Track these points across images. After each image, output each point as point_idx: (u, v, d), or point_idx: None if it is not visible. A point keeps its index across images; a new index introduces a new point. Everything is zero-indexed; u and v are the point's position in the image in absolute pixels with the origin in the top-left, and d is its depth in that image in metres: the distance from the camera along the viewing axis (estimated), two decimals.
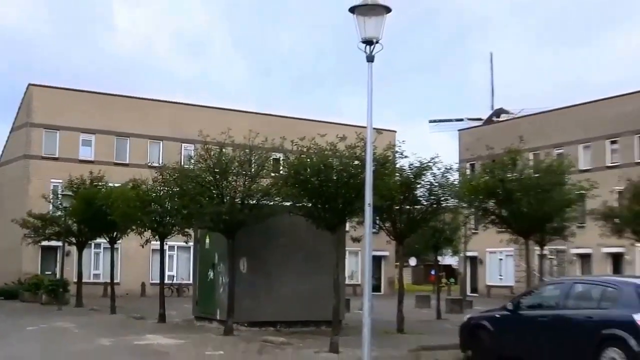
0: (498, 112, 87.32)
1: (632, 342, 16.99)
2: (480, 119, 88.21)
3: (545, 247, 41.22)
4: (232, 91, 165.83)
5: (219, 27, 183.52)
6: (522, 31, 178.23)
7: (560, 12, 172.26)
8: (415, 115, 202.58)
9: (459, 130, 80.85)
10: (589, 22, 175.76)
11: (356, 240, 25.54)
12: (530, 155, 48.95)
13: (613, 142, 63.42)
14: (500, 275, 70.81)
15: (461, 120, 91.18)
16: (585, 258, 63.31)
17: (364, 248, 18.87)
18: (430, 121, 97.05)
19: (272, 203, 28.35)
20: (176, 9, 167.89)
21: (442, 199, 31.47)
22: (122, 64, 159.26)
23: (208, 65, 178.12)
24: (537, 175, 32.28)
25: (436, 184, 30.55)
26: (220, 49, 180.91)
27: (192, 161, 31.40)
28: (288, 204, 26.60)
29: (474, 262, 72.37)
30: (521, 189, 31.04)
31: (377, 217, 30.11)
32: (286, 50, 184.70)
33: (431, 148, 78.10)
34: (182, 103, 68.41)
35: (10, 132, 67.08)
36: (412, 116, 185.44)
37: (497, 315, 21.12)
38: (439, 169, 30.35)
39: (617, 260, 60.96)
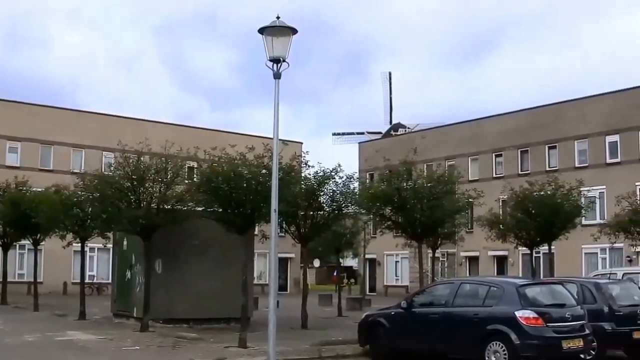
0: (395, 127, 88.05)
1: (513, 336, 17.41)
2: (379, 133, 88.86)
3: (437, 250, 41.52)
4: (157, 104, 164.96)
5: (148, 45, 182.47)
6: (420, 52, 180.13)
7: (452, 35, 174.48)
8: (322, 129, 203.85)
9: (359, 142, 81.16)
10: (478, 45, 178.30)
11: (264, 237, 25.45)
12: (424, 167, 49.29)
13: (498, 156, 64.25)
14: (397, 276, 71.18)
15: (362, 133, 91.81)
16: (473, 260, 63.97)
17: (271, 250, 18.79)
18: (334, 134, 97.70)
19: (186, 208, 28.20)
20: (108, 28, 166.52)
21: (344, 205, 31.66)
22: (56, 80, 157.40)
23: (135, 80, 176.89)
24: (429, 184, 32.47)
25: (338, 192, 30.74)
26: (147, 66, 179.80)
27: (112, 168, 31.00)
28: (201, 209, 26.47)
29: (373, 264, 72.61)
30: (415, 197, 31.22)
31: (283, 222, 30.11)
32: (206, 67, 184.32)
33: (335, 159, 78.45)
34: (104, 114, 67.69)
35: None
36: (318, 129, 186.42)
37: (392, 313, 21.17)
38: (341, 178, 30.63)
39: (501, 263, 61.73)
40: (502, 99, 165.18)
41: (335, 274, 58.26)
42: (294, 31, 18.54)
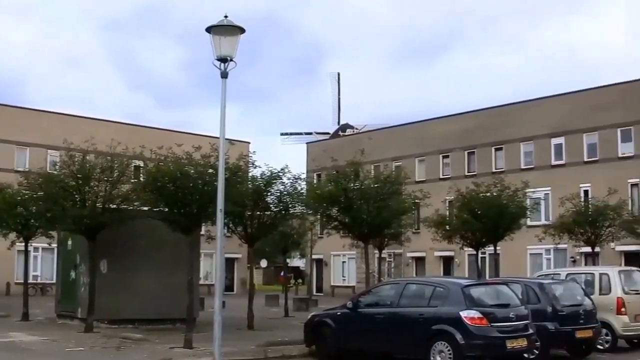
0: (344, 127, 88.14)
1: (458, 336, 17.53)
2: (327, 133, 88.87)
3: (384, 251, 41.69)
4: (105, 103, 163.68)
5: (96, 42, 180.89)
6: (370, 54, 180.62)
7: (402, 37, 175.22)
8: (272, 128, 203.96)
9: (307, 143, 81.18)
10: (428, 47, 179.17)
11: (210, 237, 25.34)
12: (371, 167, 49.43)
13: (445, 157, 64.60)
14: (344, 276, 71.24)
15: (310, 133, 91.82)
16: (419, 261, 64.23)
17: (217, 250, 18.73)
18: (282, 134, 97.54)
19: (131, 208, 28.01)
20: (55, 25, 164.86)
21: (291, 206, 31.62)
22: (1, 77, 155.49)
23: (83, 77, 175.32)
24: (376, 185, 32.60)
25: (285, 192, 30.70)
26: (95, 63, 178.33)
27: (57, 167, 30.74)
28: (146, 208, 26.32)
29: (320, 264, 72.64)
30: (362, 198, 31.33)
31: (230, 222, 30.03)
32: (156, 65, 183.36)
33: (283, 159, 78.38)
34: (49, 112, 66.92)
35: None
36: (268, 129, 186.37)
37: (338, 313, 21.20)
38: (288, 179, 30.56)
39: (447, 263, 62.03)
40: (451, 100, 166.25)
41: (282, 274, 58.17)
42: (242, 30, 18.51)
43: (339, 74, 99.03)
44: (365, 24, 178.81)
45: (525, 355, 18.94)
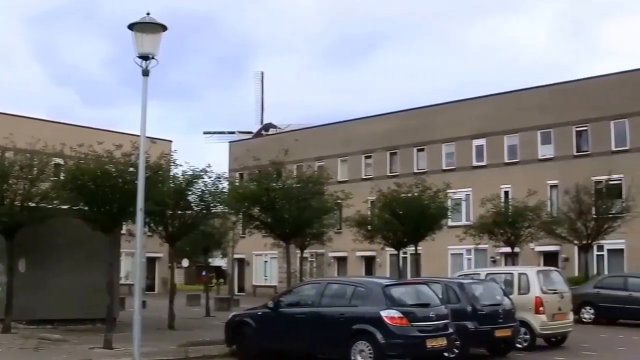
0: (267, 127, 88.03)
1: (379, 335, 17.63)
2: (250, 133, 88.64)
3: (306, 251, 41.77)
4: (27, 99, 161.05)
5: (19, 36, 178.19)
6: (296, 53, 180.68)
7: (330, 37, 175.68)
8: (196, 127, 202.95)
9: (230, 142, 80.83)
10: (355, 47, 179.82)
11: (131, 236, 25.10)
12: (294, 167, 49.41)
13: (367, 157, 64.81)
14: (266, 276, 71.15)
15: (233, 133, 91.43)
16: (341, 260, 64.34)
17: (137, 249, 18.56)
18: (205, 132, 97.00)
19: (51, 206, 27.56)
20: None
21: (212, 205, 31.48)
22: None
23: (4, 72, 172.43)
24: (298, 185, 32.61)
25: (207, 192, 30.56)
26: (18, 59, 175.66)
27: None
28: (66, 207, 25.96)
29: (242, 264, 72.44)
30: (284, 198, 31.32)
31: (151, 221, 29.80)
32: (80, 60, 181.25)
33: (207, 158, 77.90)
34: None
35: None
36: (193, 127, 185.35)
37: (259, 313, 21.15)
38: (210, 178, 30.42)
39: (369, 263, 62.31)
40: (378, 101, 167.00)
41: (203, 273, 57.88)
42: (164, 28, 18.38)
43: (262, 73, 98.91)
44: (293, 23, 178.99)
45: (445, 354, 19.07)
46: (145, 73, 18.26)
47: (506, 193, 52.36)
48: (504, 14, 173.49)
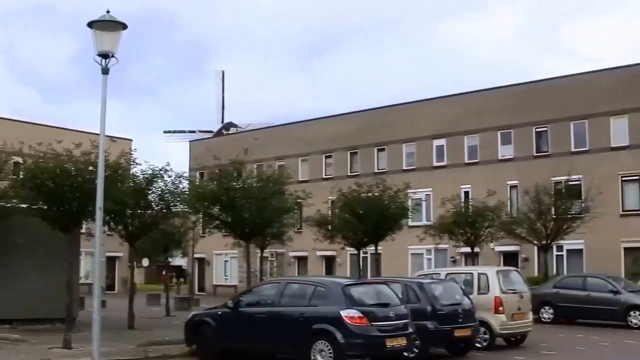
0: (227, 126, 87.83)
1: (339, 335, 17.66)
2: (211, 132, 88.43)
3: (266, 250, 41.75)
4: None
5: None
6: (259, 52, 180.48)
7: (291, 37, 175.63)
8: (158, 126, 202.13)
9: (190, 141, 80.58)
10: (319, 48, 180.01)
11: (90, 235, 24.99)
12: (254, 167, 49.37)
13: (328, 157, 64.84)
14: (226, 276, 70.95)
15: (194, 132, 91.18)
16: (302, 260, 64.34)
17: (96, 248, 18.48)
18: (165, 131, 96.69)
19: (9, 205, 27.36)
20: None
21: (172, 204, 31.38)
22: None
23: None
24: (259, 184, 32.59)
25: (167, 191, 30.47)
26: None
27: None
28: (25, 205, 25.77)
29: (202, 263, 72.23)
30: (244, 197, 31.26)
31: (110, 220, 29.66)
32: (42, 58, 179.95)
33: (167, 157, 77.57)
34: None
35: None
36: (154, 126, 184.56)
37: (219, 312, 21.14)
38: (170, 177, 30.33)
39: (330, 262, 62.34)
40: (339, 100, 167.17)
41: (163, 273, 57.72)
42: (124, 26, 18.33)
43: (223, 72, 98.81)
44: (255, 22, 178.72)
45: (405, 354, 19.12)
46: (105, 71, 18.21)
47: (466, 193, 52.57)
48: (466, 15, 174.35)
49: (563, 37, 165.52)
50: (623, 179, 49.00)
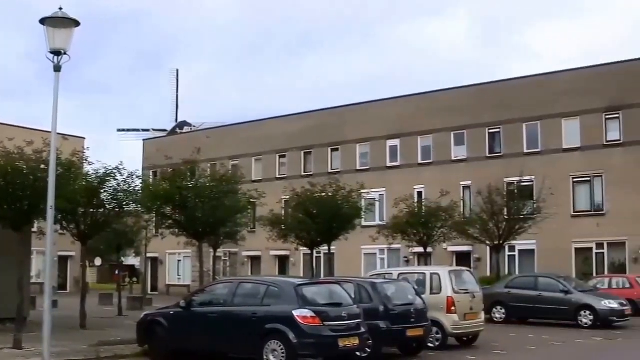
0: (181, 125, 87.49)
1: (291, 335, 17.63)
2: (165, 130, 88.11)
3: (219, 250, 41.66)
4: None
5: None
6: (216, 52, 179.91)
7: (251, 37, 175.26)
8: (110, 124, 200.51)
9: (144, 140, 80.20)
10: (277, 47, 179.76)
11: (42, 234, 24.76)
12: (208, 166, 49.26)
13: (282, 157, 64.82)
14: (179, 275, 70.71)
15: (148, 130, 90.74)
16: (255, 260, 64.27)
17: (47, 247, 18.34)
18: (119, 130, 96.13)
19: None
20: None
21: (125, 203, 31.20)
22: None
23: None
24: (212, 184, 32.49)
25: (120, 190, 30.28)
26: None
27: None
28: None
29: (155, 263, 71.92)
30: (197, 197, 31.15)
31: (62, 219, 29.43)
32: None
33: (121, 156, 76.95)
34: None
35: None
36: (109, 124, 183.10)
37: (171, 312, 21.03)
38: (122, 176, 30.15)
39: (283, 262, 62.31)
40: (295, 100, 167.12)
41: (116, 272, 57.44)
42: (77, 23, 18.19)
43: (177, 71, 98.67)
44: (212, 21, 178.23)
45: (358, 353, 19.17)
46: (57, 69, 18.07)
47: (419, 193, 52.86)
48: (425, 16, 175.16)
49: (519, 39, 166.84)
50: (574, 180, 49.57)
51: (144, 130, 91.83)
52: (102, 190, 30.09)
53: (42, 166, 22.64)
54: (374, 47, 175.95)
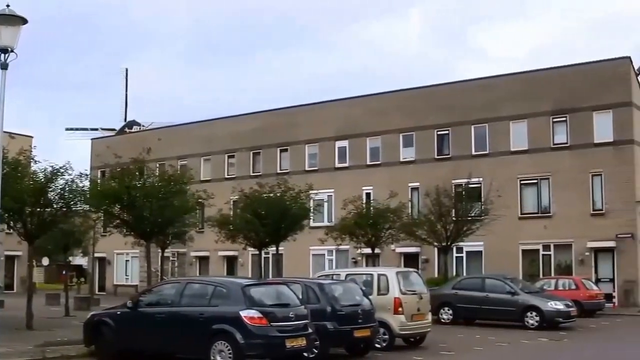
0: (130, 124, 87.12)
1: (238, 335, 17.63)
2: (114, 130, 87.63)
3: (167, 250, 41.49)
4: None
5: None
6: (165, 50, 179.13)
7: (204, 36, 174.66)
8: (60, 123, 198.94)
9: (92, 139, 79.58)
10: (230, 46, 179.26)
11: None
12: (157, 165, 49.01)
13: (231, 157, 64.62)
14: (127, 275, 70.31)
15: (96, 129, 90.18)
16: (203, 260, 63.99)
17: None
18: (67, 129, 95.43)
19: None
20: None
21: (73, 203, 30.97)
22: None
23: None
24: (160, 184, 32.36)
25: (67, 189, 30.06)
26: None
27: None
28: None
29: (103, 263, 71.43)
30: (145, 196, 31.00)
31: (9, 219, 29.17)
32: None
33: (70, 155, 76.39)
34: None
35: None
36: (56, 123, 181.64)
37: (118, 312, 20.91)
38: (70, 175, 29.93)
39: (231, 263, 62.15)
40: (246, 100, 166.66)
41: (64, 272, 56.91)
42: (24, 21, 18.06)
43: (127, 70, 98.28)
44: (164, 21, 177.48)
45: (305, 354, 19.19)
46: (4, 67, 17.92)
47: (368, 195, 52.89)
48: (377, 16, 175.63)
49: (471, 41, 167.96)
50: (522, 182, 50.00)
51: (92, 129, 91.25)
52: (49, 190, 29.84)
53: None
54: (326, 47, 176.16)
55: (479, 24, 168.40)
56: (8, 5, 17.95)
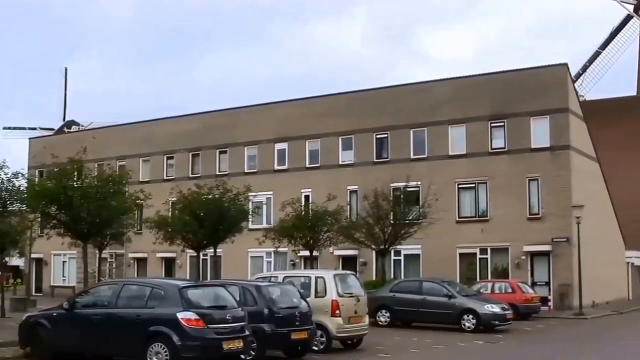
0: (69, 124, 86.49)
1: (175, 337, 17.64)
2: (52, 129, 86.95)
3: (105, 251, 41.21)
4: None
5: None
6: (106, 50, 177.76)
7: (150, 37, 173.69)
8: (1, 122, 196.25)
9: (30, 138, 78.78)
10: (175, 47, 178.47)
11: None
12: (95, 166, 48.68)
13: (170, 158, 64.23)
14: (64, 276, 69.61)
15: (35, 129, 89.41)
16: (141, 261, 63.53)
17: None
18: (4, 128, 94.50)
19: None
20: None
21: (9, 203, 30.70)
22: None
23: None
24: (98, 184, 32.17)
25: (3, 189, 29.78)
26: None
27: None
28: None
29: (40, 263, 70.69)
30: (82, 196, 30.80)
31: None
32: None
33: (7, 155, 75.55)
34: None
35: None
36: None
37: (54, 314, 20.78)
38: (6, 175, 29.66)
39: (169, 264, 61.77)
40: (188, 100, 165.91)
41: (0, 273, 56.37)
42: None
43: (66, 69, 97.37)
44: (108, 20, 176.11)
45: (242, 356, 19.26)
46: None
47: (307, 197, 52.98)
48: (322, 17, 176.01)
49: (415, 44, 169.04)
50: (459, 186, 50.33)
51: (30, 128, 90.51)
52: None
53: None
54: (269, 48, 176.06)
55: (424, 26, 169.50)
56: None
